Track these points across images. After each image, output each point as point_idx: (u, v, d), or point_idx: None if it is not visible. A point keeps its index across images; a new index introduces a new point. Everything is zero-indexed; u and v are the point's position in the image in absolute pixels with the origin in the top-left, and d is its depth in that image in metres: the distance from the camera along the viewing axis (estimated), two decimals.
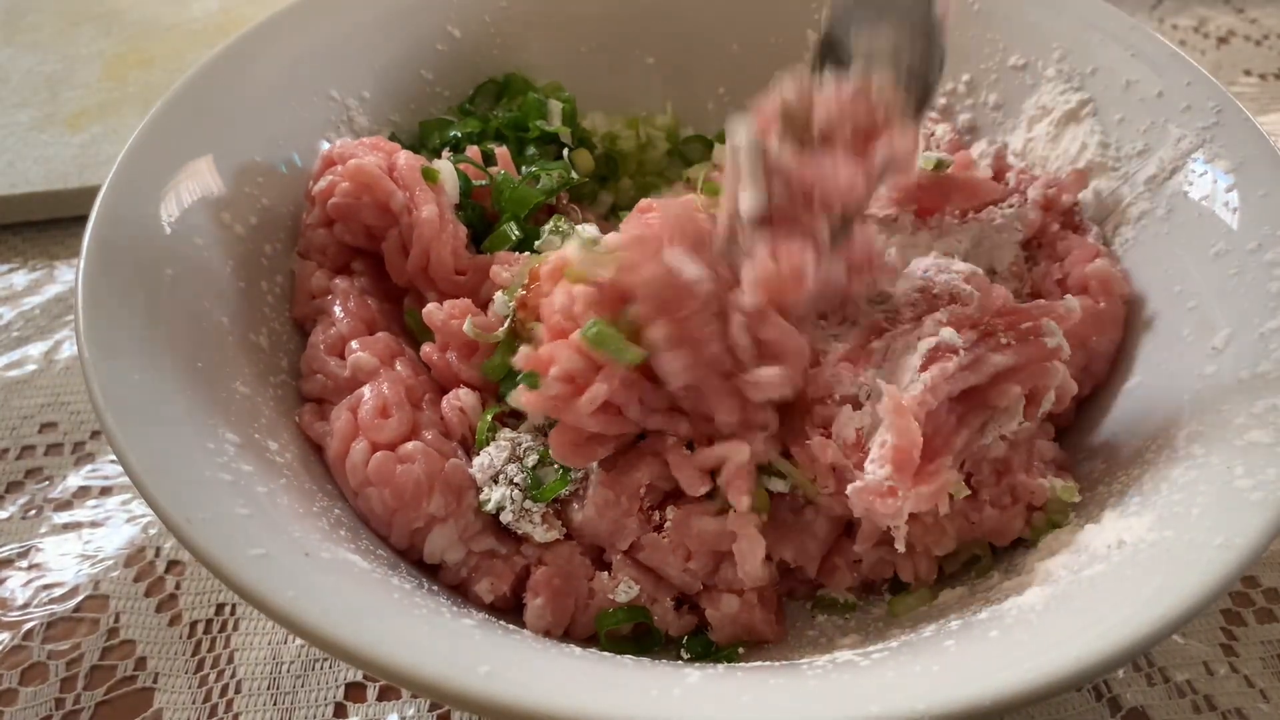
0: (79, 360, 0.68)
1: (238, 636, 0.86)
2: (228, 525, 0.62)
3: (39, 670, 0.84)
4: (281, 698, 0.82)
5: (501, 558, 0.78)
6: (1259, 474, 0.64)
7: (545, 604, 0.76)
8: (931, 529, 0.76)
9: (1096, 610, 0.60)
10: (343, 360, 0.83)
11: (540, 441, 0.80)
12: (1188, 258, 0.84)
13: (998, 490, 0.77)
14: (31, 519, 0.95)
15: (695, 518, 0.76)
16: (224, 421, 0.72)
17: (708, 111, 1.14)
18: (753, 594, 0.77)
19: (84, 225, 0.77)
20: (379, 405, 0.79)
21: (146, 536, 0.93)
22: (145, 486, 0.62)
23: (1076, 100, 0.96)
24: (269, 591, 0.58)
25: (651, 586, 0.77)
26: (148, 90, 1.39)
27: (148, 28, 1.51)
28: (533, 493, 0.77)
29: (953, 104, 1.06)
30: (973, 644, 0.62)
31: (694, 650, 0.77)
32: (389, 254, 0.89)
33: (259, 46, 0.94)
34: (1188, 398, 0.76)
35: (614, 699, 0.55)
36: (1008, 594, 0.69)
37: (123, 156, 0.82)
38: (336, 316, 0.86)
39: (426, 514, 0.76)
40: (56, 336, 1.12)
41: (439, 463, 0.77)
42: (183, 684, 0.83)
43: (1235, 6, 1.57)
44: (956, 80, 1.05)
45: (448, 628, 0.63)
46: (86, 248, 0.75)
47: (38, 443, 1.02)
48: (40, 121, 1.34)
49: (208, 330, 0.79)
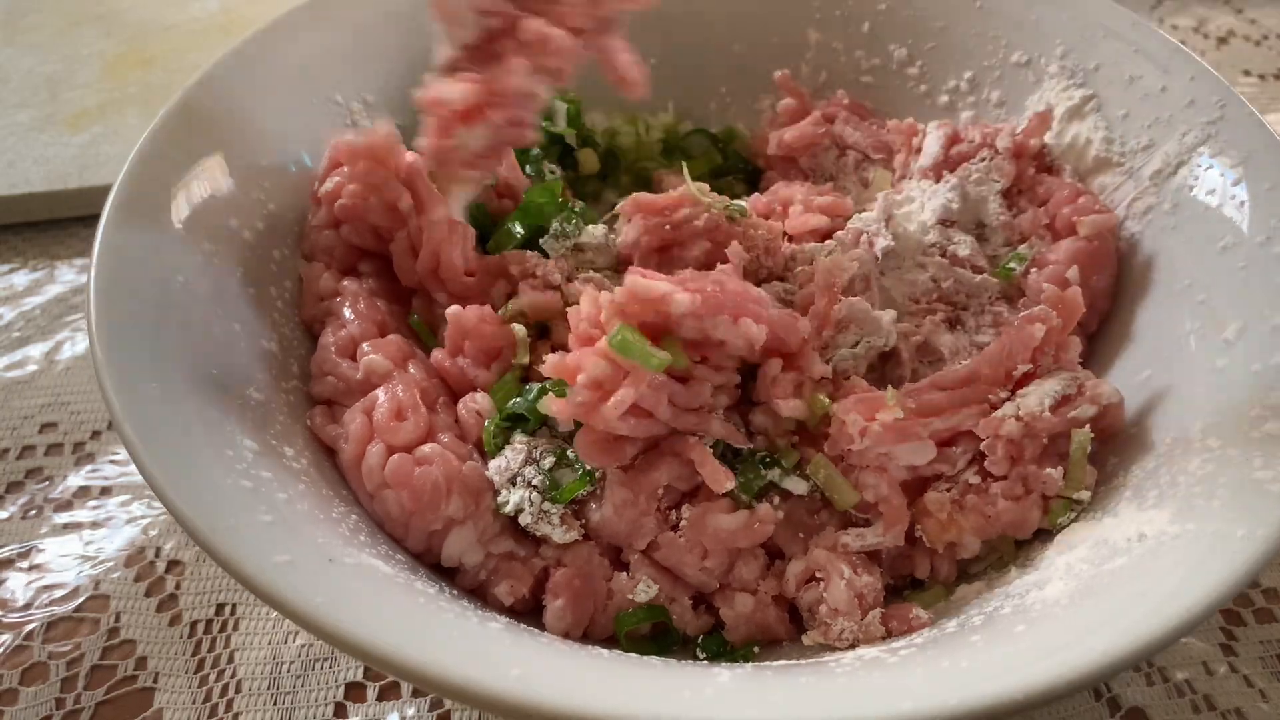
0: (93, 370, 0.68)
1: (238, 636, 0.86)
2: (252, 533, 0.62)
3: (39, 670, 0.85)
4: (282, 697, 0.83)
5: (520, 560, 0.78)
6: (1278, 465, 0.65)
7: (566, 605, 0.76)
8: (947, 525, 0.77)
9: (1122, 603, 0.61)
10: (354, 362, 0.83)
11: (556, 444, 0.80)
12: (1195, 252, 0.85)
13: (1009, 482, 0.77)
14: (32, 519, 0.96)
15: (711, 516, 0.76)
16: (240, 428, 0.72)
17: (709, 110, 1.15)
18: (766, 594, 0.78)
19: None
20: (394, 408, 0.78)
21: (147, 537, 0.94)
22: (167, 495, 0.62)
23: (1080, 96, 0.96)
24: (297, 598, 0.58)
25: (669, 586, 0.77)
26: (148, 90, 1.39)
27: (148, 28, 1.52)
28: (551, 494, 0.77)
29: (955, 101, 1.06)
30: (999, 639, 0.63)
31: (710, 650, 0.77)
32: (397, 255, 0.89)
33: (262, 51, 0.94)
34: (1200, 390, 0.77)
35: (648, 700, 0.55)
36: (1029, 588, 0.70)
37: (129, 164, 0.81)
38: (346, 318, 0.85)
39: (445, 516, 0.75)
40: (57, 337, 1.12)
41: (456, 465, 0.77)
42: (183, 684, 0.84)
43: (1235, 7, 1.58)
44: (959, 78, 1.05)
45: (475, 631, 0.63)
46: (97, 256, 0.75)
47: (38, 443, 1.02)
48: (40, 121, 1.34)
49: (219, 337, 0.78)
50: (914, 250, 0.91)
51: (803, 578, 0.78)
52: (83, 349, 1.10)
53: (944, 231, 0.91)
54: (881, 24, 1.08)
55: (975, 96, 1.05)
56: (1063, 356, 0.80)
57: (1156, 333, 0.85)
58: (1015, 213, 0.94)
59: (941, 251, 0.90)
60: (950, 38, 1.05)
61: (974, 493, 0.77)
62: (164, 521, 0.95)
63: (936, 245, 0.91)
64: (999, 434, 0.76)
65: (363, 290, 0.88)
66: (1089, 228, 0.89)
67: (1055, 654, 0.57)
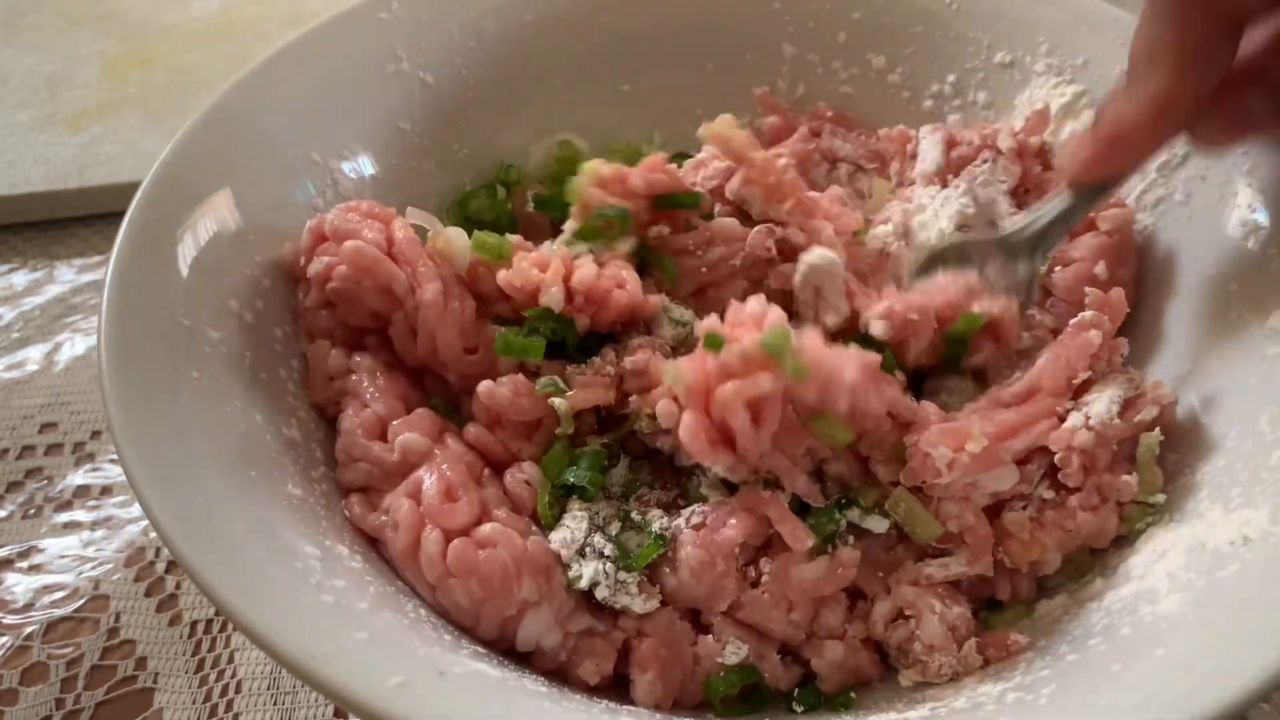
0: (134, 495, 0.62)
1: (238, 636, 0.87)
2: (354, 655, 0.57)
3: (39, 670, 0.85)
4: (282, 698, 0.83)
5: (601, 635, 0.73)
6: None
7: (656, 677, 0.72)
8: (1030, 545, 0.75)
9: (1261, 612, 0.60)
10: (385, 443, 0.77)
11: (616, 506, 0.76)
12: (1216, 241, 0.85)
13: (1085, 492, 0.76)
14: (32, 519, 0.96)
15: (794, 568, 0.73)
16: (296, 534, 0.66)
17: (687, 133, 1.11)
18: (855, 637, 0.75)
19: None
20: (443, 488, 0.73)
21: (147, 537, 0.94)
22: (254, 627, 0.56)
23: (1072, 93, 0.96)
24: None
25: (756, 643, 0.74)
26: (148, 90, 1.40)
27: (148, 28, 1.52)
28: (624, 562, 0.73)
29: (940, 105, 1.05)
30: (1140, 663, 0.61)
31: (806, 702, 0.74)
32: (396, 338, 0.82)
33: (236, 112, 0.87)
34: (1255, 381, 0.77)
35: None
36: (1136, 602, 0.68)
37: (115, 257, 0.74)
38: (368, 396, 0.79)
39: (518, 600, 0.70)
40: (57, 337, 1.13)
41: (521, 544, 0.72)
42: (183, 684, 0.84)
43: None
44: (942, 82, 1.04)
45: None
46: (105, 361, 0.68)
47: (38, 443, 1.03)
48: (40, 121, 1.35)
49: (247, 433, 0.72)
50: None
51: (890, 616, 0.75)
52: (82, 349, 1.11)
53: (962, 237, 0.90)
54: (857, 33, 1.06)
55: (961, 100, 1.04)
56: (1114, 360, 0.80)
57: (1190, 325, 0.85)
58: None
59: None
60: (929, 42, 1.04)
61: (1051, 508, 0.76)
62: None
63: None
64: (1072, 445, 0.75)
65: (377, 364, 0.81)
66: (1109, 222, 0.88)
67: (1216, 676, 0.56)
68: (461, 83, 1.02)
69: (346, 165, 0.93)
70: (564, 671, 0.73)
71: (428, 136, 1.00)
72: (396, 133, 0.98)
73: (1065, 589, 0.77)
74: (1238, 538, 0.67)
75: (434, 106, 1.00)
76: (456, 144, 1.03)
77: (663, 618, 0.74)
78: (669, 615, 0.74)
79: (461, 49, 1.02)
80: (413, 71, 0.99)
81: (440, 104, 1.01)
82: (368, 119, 0.96)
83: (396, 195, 0.92)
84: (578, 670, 0.72)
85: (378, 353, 0.83)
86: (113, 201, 1.24)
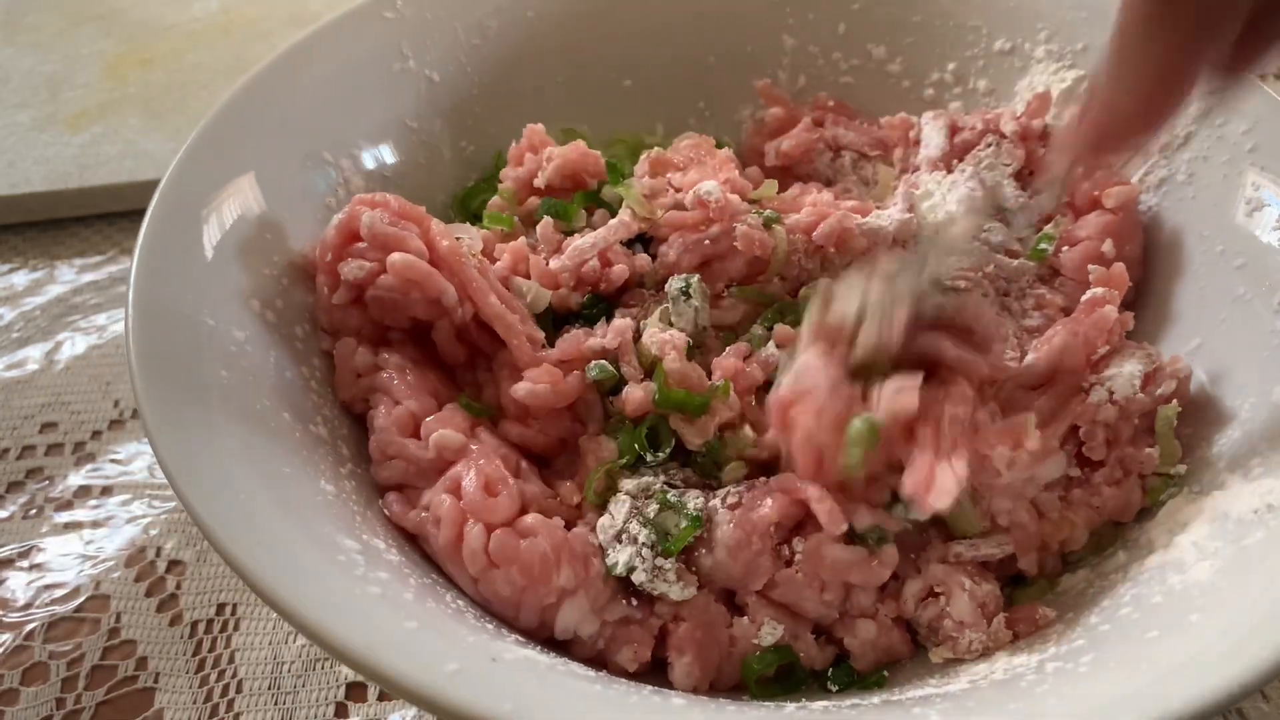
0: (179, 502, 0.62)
1: (238, 636, 0.86)
2: (406, 644, 0.57)
3: (40, 670, 0.85)
4: (282, 697, 0.83)
5: (638, 623, 0.74)
6: None
7: (693, 660, 0.72)
8: (1061, 525, 0.77)
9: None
10: (419, 440, 0.77)
11: (662, 484, 0.76)
12: (1220, 219, 0.86)
13: (1109, 467, 0.77)
14: (32, 519, 0.96)
15: (826, 548, 0.74)
16: (335, 528, 0.66)
17: (690, 126, 1.12)
18: (886, 616, 0.76)
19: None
20: (483, 483, 0.73)
21: (147, 536, 0.94)
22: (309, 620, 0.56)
23: (1072, 78, 0.98)
24: (489, 709, 0.53)
25: (791, 623, 0.75)
26: (148, 90, 1.40)
27: (148, 28, 1.52)
28: (662, 546, 0.73)
29: (941, 94, 1.06)
30: (1179, 628, 0.62)
31: (840, 681, 0.75)
32: (442, 343, 0.83)
33: (246, 116, 0.87)
34: (1266, 354, 0.78)
35: None
36: (1164, 572, 0.69)
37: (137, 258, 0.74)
38: (399, 393, 0.79)
39: (557, 588, 0.71)
40: (57, 337, 1.12)
41: (560, 532, 0.72)
42: (183, 684, 0.84)
43: None
44: (942, 70, 1.06)
45: (663, 709, 0.60)
46: (135, 365, 0.67)
47: (38, 443, 1.02)
48: (40, 121, 1.35)
49: (278, 431, 0.72)
50: (944, 245, 0.91)
51: (920, 595, 0.76)
52: (82, 349, 1.11)
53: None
54: (857, 24, 1.08)
55: (961, 87, 1.05)
56: (1122, 334, 0.81)
57: (1199, 301, 0.86)
58: (1031, 194, 0.95)
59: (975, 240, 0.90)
60: (928, 31, 1.06)
61: (1077, 485, 0.77)
62: (164, 521, 0.95)
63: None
64: (1097, 419, 0.76)
65: (406, 361, 0.82)
66: (1115, 199, 0.90)
67: (1257, 634, 0.57)
68: (467, 80, 1.03)
69: (358, 163, 0.93)
70: (603, 659, 0.73)
71: (435, 133, 1.00)
72: (405, 130, 0.98)
73: (1087, 563, 0.79)
74: (1261, 506, 0.68)
75: (440, 104, 1.01)
76: (463, 140, 1.03)
77: (699, 601, 0.74)
78: (705, 597, 0.74)
79: (466, 46, 1.02)
80: (419, 69, 0.99)
81: (446, 101, 1.01)
82: (376, 117, 0.96)
83: (406, 192, 0.91)
84: (615, 657, 0.72)
85: (403, 349, 0.83)
86: (113, 201, 1.24)
